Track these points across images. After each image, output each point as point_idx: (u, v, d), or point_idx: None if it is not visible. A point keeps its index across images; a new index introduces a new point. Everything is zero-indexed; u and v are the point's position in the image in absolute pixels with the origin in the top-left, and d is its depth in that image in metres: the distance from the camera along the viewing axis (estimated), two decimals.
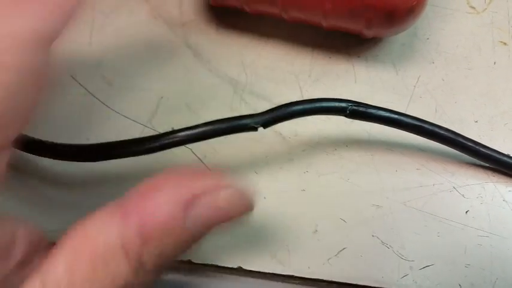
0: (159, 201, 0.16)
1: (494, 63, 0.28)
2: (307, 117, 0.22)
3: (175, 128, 0.26)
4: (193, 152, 0.25)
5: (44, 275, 0.15)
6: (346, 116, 0.22)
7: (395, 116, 0.23)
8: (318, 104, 0.22)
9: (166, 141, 0.21)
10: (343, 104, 0.22)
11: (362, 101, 0.25)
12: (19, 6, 0.15)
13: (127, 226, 0.16)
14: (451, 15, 0.30)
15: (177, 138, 0.21)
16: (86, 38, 0.28)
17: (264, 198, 0.24)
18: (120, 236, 0.15)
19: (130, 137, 0.21)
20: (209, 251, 0.23)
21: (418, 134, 0.23)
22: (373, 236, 0.23)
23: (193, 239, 0.17)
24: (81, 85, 0.27)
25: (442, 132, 0.23)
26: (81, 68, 0.27)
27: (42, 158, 0.22)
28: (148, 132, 0.26)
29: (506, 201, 0.24)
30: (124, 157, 0.21)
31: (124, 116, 0.26)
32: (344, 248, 0.23)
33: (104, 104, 0.27)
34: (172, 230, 0.16)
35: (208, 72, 0.28)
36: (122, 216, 0.16)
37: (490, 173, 0.25)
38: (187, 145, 0.24)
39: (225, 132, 0.21)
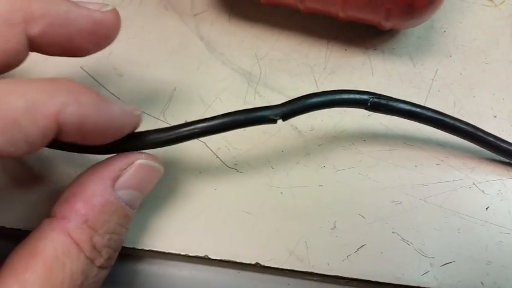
0: (90, 191, 0.18)
1: None
2: (323, 110, 0.22)
3: (188, 120, 0.25)
4: (207, 146, 0.25)
5: None
6: (366, 108, 0.22)
7: (417, 109, 0.22)
8: (338, 96, 0.21)
9: (184, 133, 0.20)
10: (365, 96, 0.21)
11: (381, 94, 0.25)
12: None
13: (72, 225, 0.17)
14: (468, 8, 0.29)
15: (196, 130, 0.20)
16: None
17: (281, 193, 0.24)
18: (68, 236, 0.17)
19: (142, 129, 0.21)
20: (226, 247, 0.22)
21: (438, 128, 0.23)
22: (393, 232, 0.23)
23: (130, 208, 0.19)
24: (92, 76, 0.26)
25: (462, 126, 0.23)
26: (91, 59, 0.27)
27: (52, 150, 0.21)
28: (161, 125, 0.25)
29: None
30: (140, 149, 0.20)
31: None
32: (363, 245, 0.22)
33: (114, 95, 0.26)
34: (110, 206, 0.18)
35: (221, 64, 0.27)
36: (64, 221, 0.17)
37: (510, 168, 0.24)
38: (201, 138, 0.24)
39: (243, 124, 0.20)
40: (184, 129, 0.20)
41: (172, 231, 0.23)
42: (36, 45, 0.18)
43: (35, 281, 0.16)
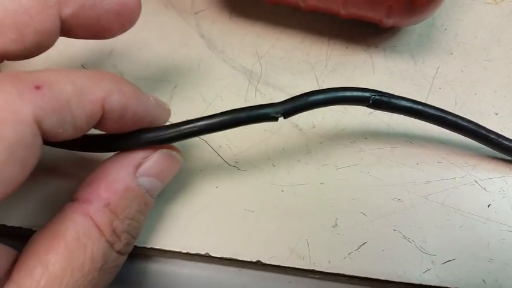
0: (113, 176, 0.18)
1: None
2: (325, 108, 0.22)
3: (189, 118, 0.25)
4: (208, 144, 0.25)
5: (21, 278, 0.16)
6: (368, 106, 0.22)
7: (419, 107, 0.22)
8: (340, 94, 0.21)
9: (185, 131, 0.20)
10: (367, 94, 0.21)
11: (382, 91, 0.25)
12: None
13: (94, 208, 0.17)
14: (469, 5, 0.29)
15: (196, 128, 0.20)
16: None
17: (282, 191, 0.23)
18: (90, 218, 0.17)
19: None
20: (228, 245, 0.22)
21: (441, 126, 0.23)
22: (394, 230, 0.23)
23: (150, 196, 0.20)
24: None
25: (464, 123, 0.23)
26: (92, 57, 0.27)
27: (52, 148, 0.21)
28: None
29: None
30: (141, 147, 0.20)
31: None
32: (365, 243, 0.22)
33: None
34: (131, 192, 0.19)
35: (222, 62, 0.27)
36: (86, 204, 0.18)
37: (511, 166, 0.24)
38: (202, 136, 0.24)
39: (244, 122, 0.20)
40: (185, 127, 0.20)
41: (174, 229, 0.23)
42: (67, 26, 0.19)
43: (56, 261, 0.16)
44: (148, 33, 0.28)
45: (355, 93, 0.21)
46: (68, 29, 0.19)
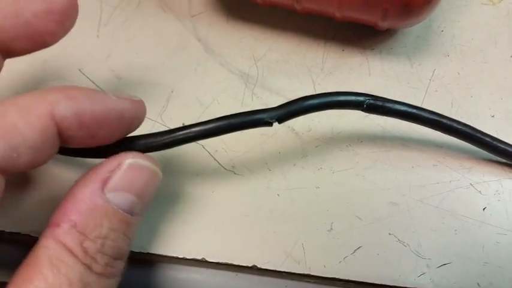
0: (79, 195, 0.17)
1: (511, 56, 0.27)
2: (321, 112, 0.22)
3: (186, 123, 0.25)
4: (204, 148, 0.25)
5: None
6: (363, 110, 0.22)
7: (414, 111, 0.22)
8: (334, 98, 0.21)
9: (180, 137, 0.20)
10: (361, 98, 0.21)
11: (377, 95, 0.25)
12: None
13: (62, 231, 0.17)
14: (466, 6, 0.29)
15: (191, 134, 0.20)
16: (94, 31, 0.28)
17: (278, 195, 0.24)
18: (59, 242, 0.16)
19: (140, 132, 0.21)
20: (224, 250, 0.22)
21: (435, 129, 0.23)
22: (389, 234, 0.23)
23: (128, 213, 0.18)
24: (90, 79, 0.26)
25: (460, 127, 0.23)
26: (90, 61, 0.27)
27: None
28: (158, 127, 0.25)
29: None
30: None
31: None
32: (360, 247, 0.23)
33: None
34: (100, 210, 0.17)
35: (219, 65, 0.27)
36: (54, 227, 0.17)
37: (507, 169, 0.24)
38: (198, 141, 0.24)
39: (238, 127, 0.20)
40: (180, 133, 0.20)
41: (170, 234, 0.23)
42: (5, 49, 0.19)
43: None
44: (145, 37, 0.28)
45: (349, 98, 0.21)
46: (7, 51, 0.19)
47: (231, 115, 0.20)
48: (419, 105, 0.25)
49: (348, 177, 0.24)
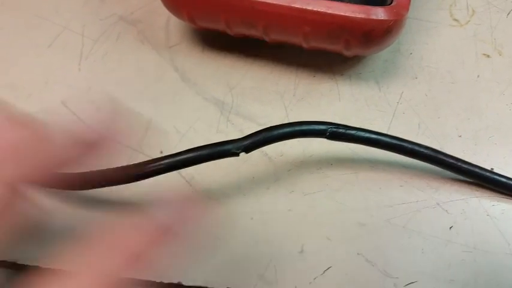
0: None
1: (478, 76, 0.28)
2: None
3: (164, 151, 0.26)
4: (181, 175, 0.26)
5: None
6: (326, 138, 0.23)
7: (375, 136, 0.23)
8: (297, 128, 0.22)
9: (151, 169, 0.21)
10: (323, 127, 0.22)
11: (346, 119, 0.26)
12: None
13: None
14: (434, 28, 0.30)
15: (161, 166, 0.21)
16: (75, 64, 0.29)
17: (251, 219, 0.25)
18: None
19: (119, 162, 0.22)
20: (198, 273, 0.23)
21: (398, 153, 0.24)
22: (358, 254, 0.24)
23: None
24: (72, 111, 0.28)
25: (422, 150, 0.24)
26: (72, 94, 0.28)
27: None
28: (137, 156, 0.26)
29: (490, 216, 0.24)
30: (109, 186, 0.21)
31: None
32: (330, 267, 0.23)
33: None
34: None
35: (195, 94, 0.28)
36: None
37: (473, 187, 0.25)
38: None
39: (207, 158, 0.22)
40: (151, 165, 0.21)
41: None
42: None
43: None
44: (125, 68, 0.29)
45: (311, 127, 0.22)
46: None
47: (199, 147, 0.22)
48: (387, 128, 0.26)
49: (319, 200, 0.25)
